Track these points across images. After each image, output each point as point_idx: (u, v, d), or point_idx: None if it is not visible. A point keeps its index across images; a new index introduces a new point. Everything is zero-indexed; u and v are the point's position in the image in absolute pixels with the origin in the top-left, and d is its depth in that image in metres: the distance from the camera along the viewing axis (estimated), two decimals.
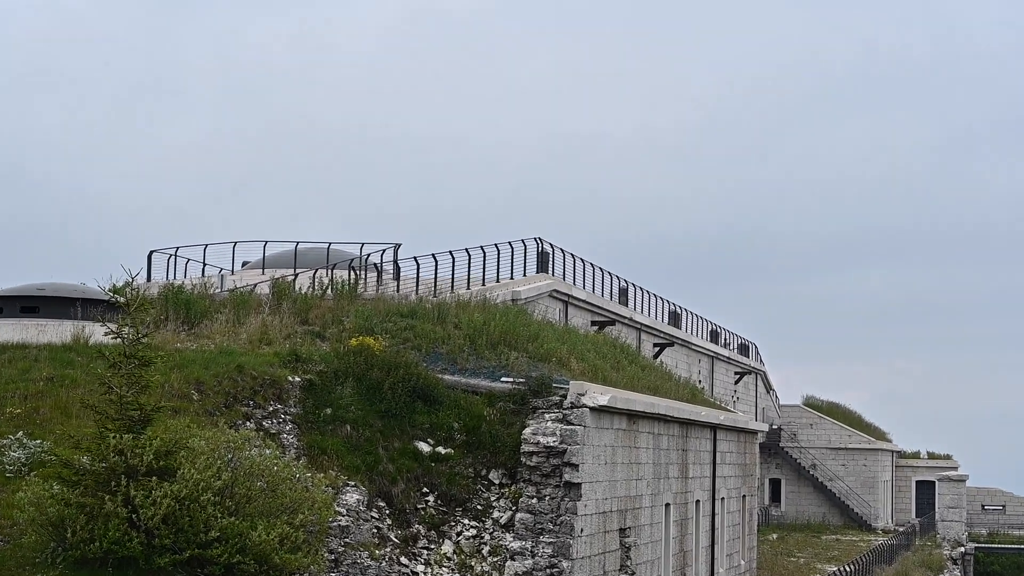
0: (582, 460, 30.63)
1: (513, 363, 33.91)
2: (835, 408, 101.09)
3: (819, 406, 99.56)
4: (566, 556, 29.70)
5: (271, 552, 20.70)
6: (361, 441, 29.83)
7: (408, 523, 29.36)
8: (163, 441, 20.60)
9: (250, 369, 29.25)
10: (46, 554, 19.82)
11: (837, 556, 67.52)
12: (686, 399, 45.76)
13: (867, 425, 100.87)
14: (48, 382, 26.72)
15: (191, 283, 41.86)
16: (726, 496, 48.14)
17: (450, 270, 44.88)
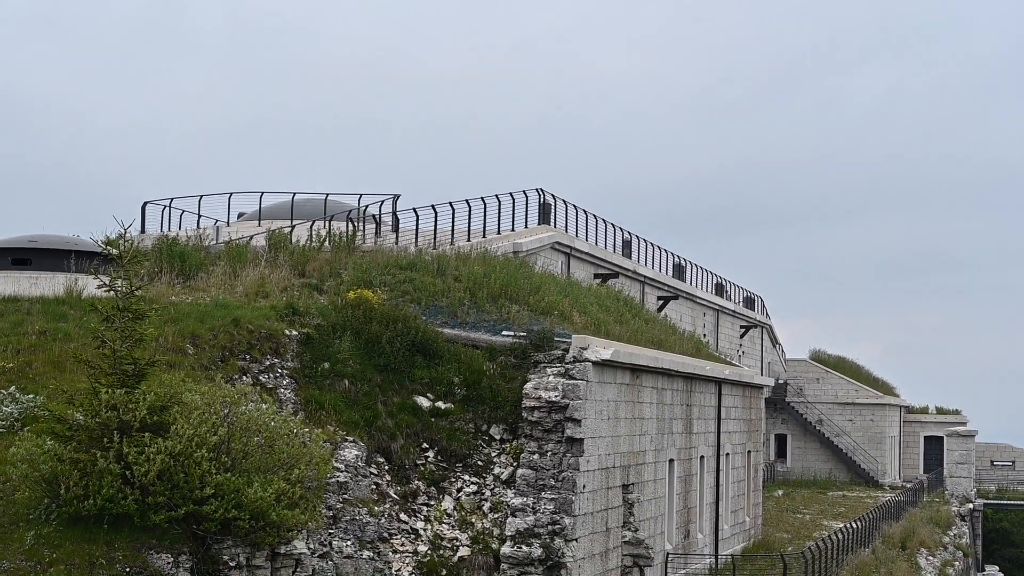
0: (584, 415, 30.66)
1: (514, 316, 33.88)
2: (842, 362, 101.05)
3: (826, 360, 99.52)
4: (568, 512, 29.78)
5: (268, 508, 20.75)
6: (360, 396, 29.85)
7: (408, 479, 29.42)
8: (157, 396, 20.61)
9: (246, 323, 29.23)
10: (39, 511, 19.86)
11: (843, 513, 67.65)
12: (690, 353, 45.78)
13: (875, 380, 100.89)
14: (41, 336, 26.71)
15: (186, 235, 41.78)
16: (731, 452, 48.24)
17: (450, 222, 44.78)
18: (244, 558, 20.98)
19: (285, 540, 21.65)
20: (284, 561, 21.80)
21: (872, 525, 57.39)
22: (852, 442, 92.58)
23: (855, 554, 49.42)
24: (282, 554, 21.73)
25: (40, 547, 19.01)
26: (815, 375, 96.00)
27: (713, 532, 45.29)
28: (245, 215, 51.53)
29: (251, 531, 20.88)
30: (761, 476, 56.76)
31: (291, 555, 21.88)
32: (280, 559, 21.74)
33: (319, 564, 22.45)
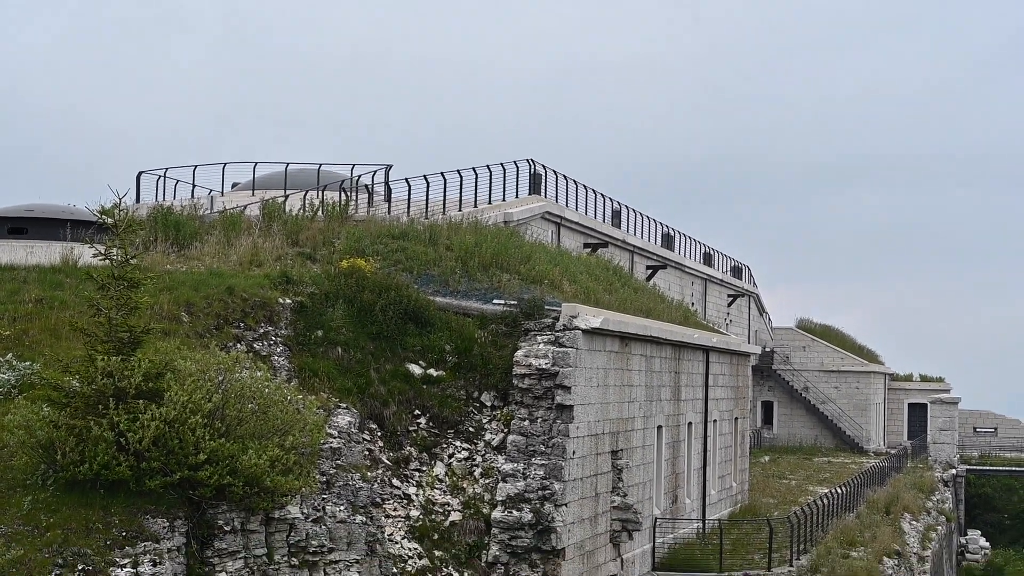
0: (574, 382, 30.69)
1: (505, 285, 33.88)
2: (828, 331, 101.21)
3: (812, 329, 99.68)
4: (558, 478, 29.83)
5: (262, 474, 20.77)
6: (352, 363, 29.85)
7: (400, 445, 29.45)
8: (152, 363, 20.59)
9: (240, 291, 29.19)
10: (36, 476, 19.85)
11: (829, 478, 67.87)
12: (679, 322, 45.83)
13: (860, 348, 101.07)
14: (37, 304, 26.65)
15: (180, 204, 41.72)
16: (718, 418, 48.34)
17: (442, 192, 44.74)
18: (239, 523, 21.00)
19: (279, 505, 21.67)
20: (278, 525, 21.82)
21: (857, 490, 57.60)
22: (837, 409, 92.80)
23: (840, 519, 49.62)
24: (276, 519, 21.75)
25: (37, 512, 19.02)
26: (801, 343, 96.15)
27: (700, 497, 45.42)
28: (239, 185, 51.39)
29: (245, 496, 20.89)
30: (748, 442, 56.90)
31: (285, 519, 21.90)
32: (274, 523, 21.76)
33: (313, 528, 22.47)
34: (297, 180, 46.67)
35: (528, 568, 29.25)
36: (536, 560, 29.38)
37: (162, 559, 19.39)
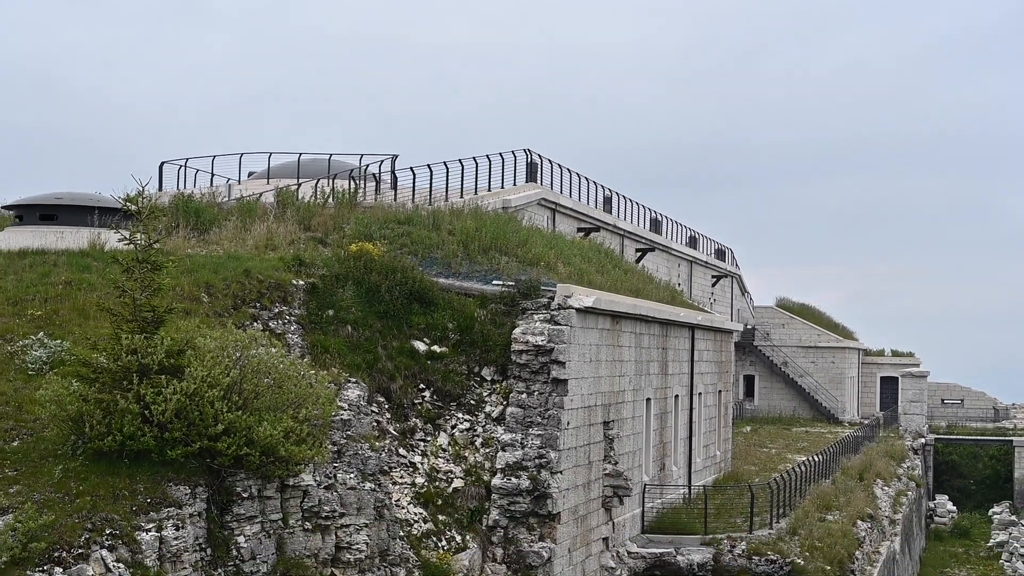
0: (568, 358, 30.73)
1: (504, 267, 33.88)
2: (806, 309, 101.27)
3: (791, 307, 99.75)
4: (554, 447, 29.89)
5: (277, 444, 20.79)
6: (361, 340, 29.88)
7: (406, 417, 29.48)
8: (174, 341, 20.61)
9: (256, 273, 29.19)
10: (67, 447, 19.88)
11: (806, 447, 67.99)
12: (666, 301, 45.85)
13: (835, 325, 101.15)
14: (66, 286, 26.66)
15: (200, 192, 41.68)
16: (703, 391, 48.40)
17: (444, 180, 44.73)
18: (256, 490, 21.05)
19: (293, 473, 21.70)
20: (292, 492, 21.87)
21: (832, 458, 57.71)
22: (814, 382, 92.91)
23: (817, 484, 49.70)
24: (291, 486, 21.80)
25: (68, 480, 19.05)
26: (781, 321, 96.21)
27: (687, 465, 45.50)
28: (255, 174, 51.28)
29: (262, 465, 20.92)
30: (731, 414, 56.97)
31: (299, 487, 21.94)
32: (289, 490, 21.81)
33: (325, 495, 22.52)
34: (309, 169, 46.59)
35: (526, 531, 29.31)
36: (533, 524, 29.46)
37: (184, 524, 19.44)
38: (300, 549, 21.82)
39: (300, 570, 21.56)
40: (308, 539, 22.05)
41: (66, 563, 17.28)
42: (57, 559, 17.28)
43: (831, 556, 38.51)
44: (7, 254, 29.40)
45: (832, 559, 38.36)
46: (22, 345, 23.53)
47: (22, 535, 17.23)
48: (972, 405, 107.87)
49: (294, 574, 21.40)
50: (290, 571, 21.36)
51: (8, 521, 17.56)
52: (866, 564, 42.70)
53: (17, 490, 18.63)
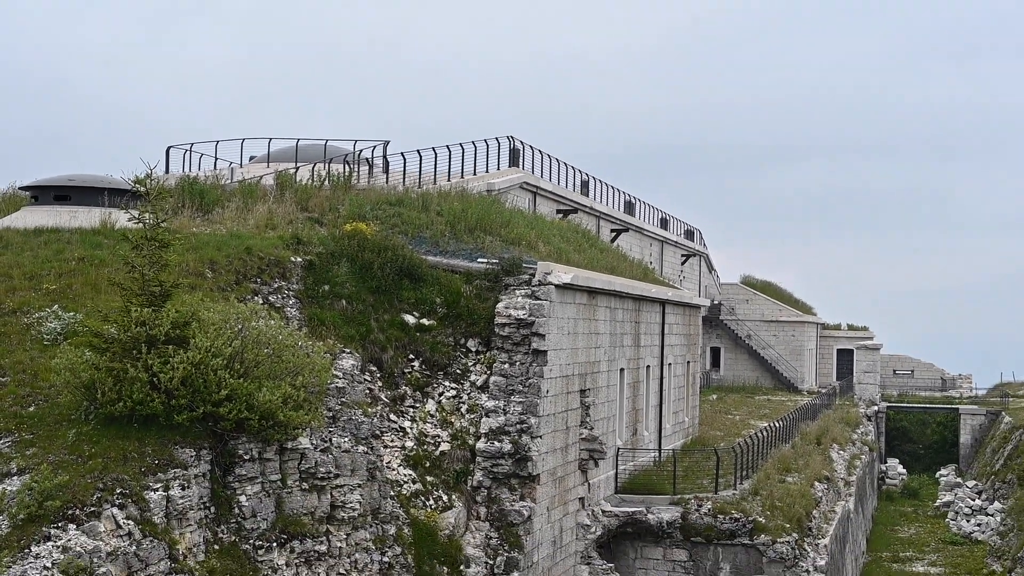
0: (548, 331, 30.75)
1: (488, 246, 33.86)
2: (769, 286, 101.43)
3: (755, 284, 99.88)
4: (534, 413, 29.92)
5: (276, 410, 20.79)
6: (355, 314, 29.85)
7: (396, 385, 29.49)
8: (180, 313, 20.56)
9: (257, 251, 29.12)
10: (79, 412, 19.84)
11: (768, 413, 68.18)
12: (639, 278, 45.87)
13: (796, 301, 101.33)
14: (79, 262, 26.57)
15: (204, 175, 41.48)
16: (673, 362, 48.47)
17: (433, 164, 44.64)
18: (256, 452, 21.04)
19: (291, 437, 21.69)
20: (290, 455, 21.87)
21: (792, 424, 57.88)
22: (776, 354, 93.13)
23: (777, 448, 49.88)
24: (289, 448, 21.79)
25: (81, 443, 19.01)
26: (745, 297, 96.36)
27: (657, 430, 45.60)
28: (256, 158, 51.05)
29: (262, 429, 20.92)
30: (698, 383, 57.09)
31: (296, 449, 21.94)
32: (287, 453, 21.80)
33: (320, 457, 22.52)
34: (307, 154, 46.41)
35: (508, 491, 29.37)
36: (515, 484, 29.51)
37: (190, 484, 19.43)
38: (298, 507, 21.83)
39: (298, 527, 21.58)
40: (305, 498, 22.05)
41: (79, 520, 17.27)
42: (71, 516, 17.27)
43: (790, 515, 38.66)
44: (24, 232, 29.29)
45: (791, 517, 38.50)
46: (38, 317, 23.46)
47: (38, 494, 17.22)
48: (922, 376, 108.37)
49: (292, 531, 21.41)
50: (288, 528, 21.37)
51: (25, 481, 17.55)
52: (822, 522, 42.87)
53: (33, 452, 18.61)
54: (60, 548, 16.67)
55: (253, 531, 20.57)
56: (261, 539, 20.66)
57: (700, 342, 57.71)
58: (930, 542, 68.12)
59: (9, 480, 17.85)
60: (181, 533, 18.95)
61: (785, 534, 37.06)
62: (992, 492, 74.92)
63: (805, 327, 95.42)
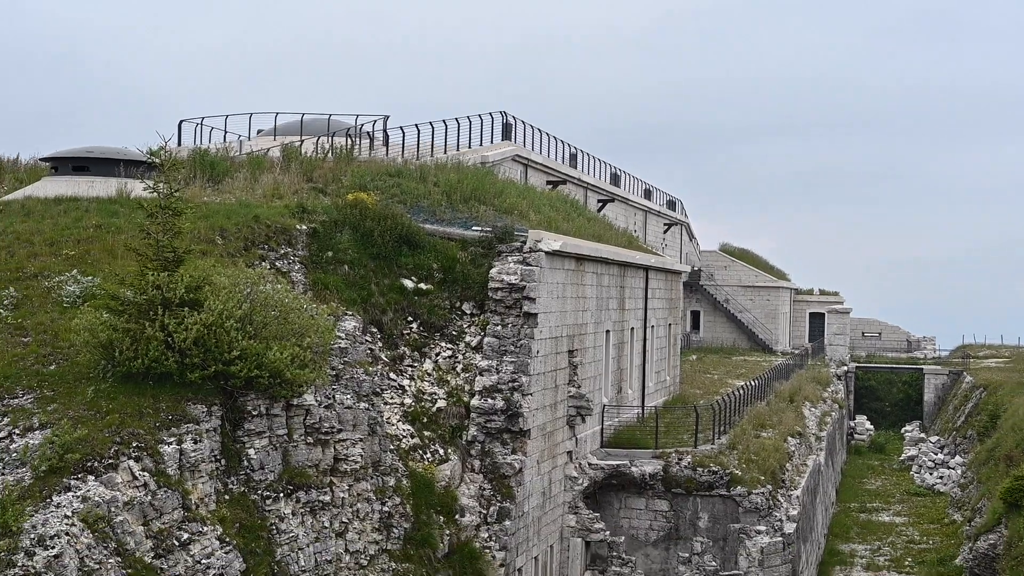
0: (538, 295, 30.77)
1: (482, 215, 33.84)
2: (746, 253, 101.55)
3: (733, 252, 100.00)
4: (525, 372, 29.98)
5: (283, 368, 20.79)
6: (357, 278, 29.84)
7: (396, 345, 29.51)
8: (192, 278, 20.54)
9: (265, 219, 29.09)
10: (98, 370, 19.85)
11: (744, 373, 68.37)
12: (624, 246, 45.89)
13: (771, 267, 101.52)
14: (97, 229, 26.52)
15: (215, 147, 41.38)
16: (655, 324, 48.55)
17: (430, 138, 44.58)
18: (264, 408, 21.06)
19: (297, 394, 21.71)
20: (296, 411, 21.89)
21: (767, 383, 58.06)
22: (752, 317, 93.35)
23: (753, 406, 50.03)
24: (295, 405, 21.81)
25: (99, 399, 19.03)
26: (723, 263, 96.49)
27: (640, 389, 45.73)
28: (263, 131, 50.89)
29: (270, 387, 20.93)
30: (679, 344, 57.20)
31: (302, 406, 21.96)
32: (293, 409, 21.82)
33: (324, 413, 22.55)
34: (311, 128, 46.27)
35: (500, 445, 29.45)
36: (507, 439, 29.59)
37: (201, 438, 19.46)
38: (303, 460, 21.87)
39: (303, 479, 21.63)
40: (310, 451, 22.10)
41: (98, 472, 17.30)
42: (90, 468, 17.30)
43: (765, 468, 38.84)
44: (44, 201, 29.21)
45: (765, 470, 38.69)
46: (58, 281, 23.44)
47: (59, 447, 17.25)
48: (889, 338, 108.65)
49: (298, 482, 21.46)
50: (294, 479, 21.42)
51: (47, 435, 17.57)
52: (795, 475, 43.08)
53: (54, 408, 18.62)
54: (80, 498, 16.72)
55: (261, 482, 20.62)
56: (269, 490, 20.71)
57: (681, 306, 57.79)
58: (895, 493, 68.52)
59: (32, 434, 17.88)
60: (193, 484, 19.00)
61: (760, 486, 37.25)
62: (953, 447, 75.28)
63: (780, 292, 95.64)
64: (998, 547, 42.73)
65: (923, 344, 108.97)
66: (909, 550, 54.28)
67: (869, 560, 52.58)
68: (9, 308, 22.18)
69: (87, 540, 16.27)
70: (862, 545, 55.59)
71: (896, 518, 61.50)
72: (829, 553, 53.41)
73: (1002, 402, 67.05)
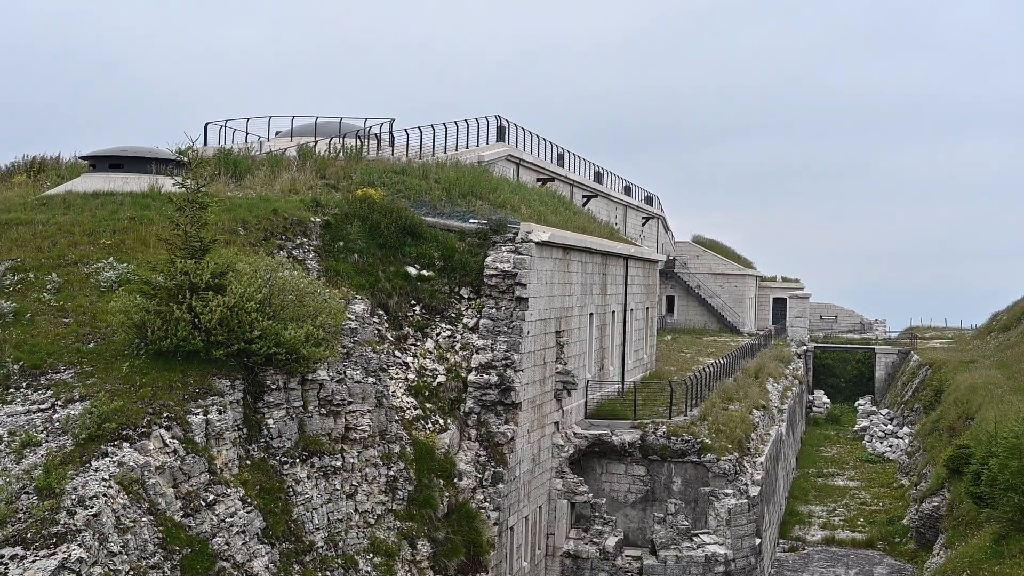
0: (529, 281, 30.80)
1: (478, 209, 33.82)
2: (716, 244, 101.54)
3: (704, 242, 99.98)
4: (517, 351, 30.02)
5: (299, 346, 20.83)
6: (365, 266, 29.84)
7: (400, 326, 29.53)
8: (217, 265, 20.56)
9: (282, 212, 29.07)
10: (132, 348, 19.88)
11: (714, 351, 68.48)
12: (606, 237, 45.90)
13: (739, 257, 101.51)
14: (131, 221, 26.49)
15: (237, 147, 41.28)
16: (634, 308, 48.60)
17: (431, 139, 44.50)
18: (282, 382, 21.10)
19: (312, 370, 21.76)
20: (311, 385, 21.94)
21: (734, 361, 58.16)
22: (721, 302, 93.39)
23: (722, 381, 50.15)
24: (310, 379, 21.86)
25: (133, 374, 19.07)
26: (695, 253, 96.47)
27: (620, 366, 45.80)
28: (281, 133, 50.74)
29: (287, 363, 20.97)
30: (655, 326, 57.26)
31: (316, 380, 22.01)
32: (308, 383, 21.87)
33: (336, 387, 22.60)
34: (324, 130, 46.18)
35: (494, 416, 29.50)
36: (500, 411, 29.63)
37: (225, 409, 19.50)
38: (317, 429, 21.93)
39: (317, 446, 21.69)
40: (323, 421, 22.15)
41: (132, 439, 17.35)
42: (125, 436, 17.34)
43: (732, 437, 38.93)
44: (83, 195, 29.16)
45: (733, 439, 38.78)
46: (96, 267, 23.43)
47: (97, 417, 17.29)
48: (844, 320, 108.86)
49: (312, 449, 21.52)
50: (309, 446, 21.48)
51: (86, 406, 17.61)
52: (759, 443, 43.20)
53: (93, 382, 18.66)
54: (116, 463, 16.76)
55: (279, 449, 20.67)
56: (286, 456, 20.77)
57: (657, 291, 57.84)
58: (849, 460, 68.72)
59: (72, 405, 17.91)
60: (218, 450, 19.05)
61: (728, 453, 37.35)
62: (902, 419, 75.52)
63: (746, 279, 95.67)
64: (941, 508, 42.94)
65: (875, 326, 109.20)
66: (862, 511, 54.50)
67: (825, 520, 52.78)
68: (52, 292, 22.18)
69: (123, 501, 16.32)
70: (819, 507, 55.79)
71: (850, 482, 61.70)
72: (790, 514, 53.62)
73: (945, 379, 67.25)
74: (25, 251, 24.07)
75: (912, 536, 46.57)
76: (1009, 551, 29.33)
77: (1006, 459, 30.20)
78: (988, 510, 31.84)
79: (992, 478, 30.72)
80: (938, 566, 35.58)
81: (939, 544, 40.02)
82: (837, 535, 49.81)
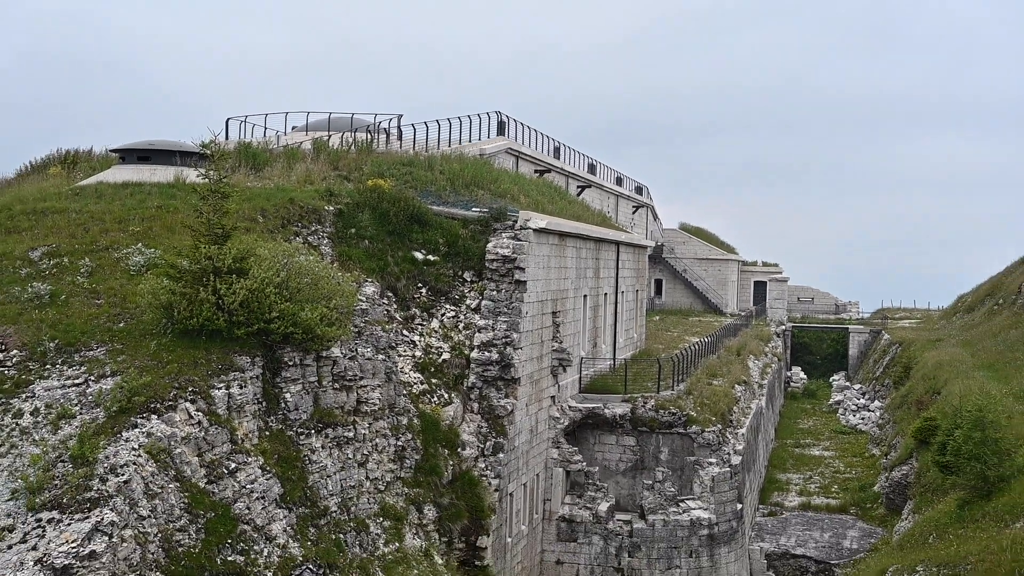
0: (527, 265, 30.81)
1: (480, 198, 33.82)
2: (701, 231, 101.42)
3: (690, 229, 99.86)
4: (516, 330, 30.06)
5: (315, 326, 20.85)
6: (375, 251, 29.85)
7: (408, 307, 29.56)
8: (238, 250, 20.56)
9: (298, 201, 29.06)
10: (160, 327, 19.90)
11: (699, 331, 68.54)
12: (599, 224, 45.91)
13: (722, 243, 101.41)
14: (158, 209, 26.49)
15: (256, 141, 41.22)
16: (625, 290, 48.64)
17: (436, 133, 44.54)
18: (298, 359, 21.13)
19: (326, 347, 21.79)
20: (325, 361, 21.97)
21: (718, 340, 58.24)
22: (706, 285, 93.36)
23: (706, 358, 50.24)
24: (324, 356, 21.89)
25: (160, 351, 19.10)
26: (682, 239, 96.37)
27: (612, 344, 45.85)
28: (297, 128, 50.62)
29: (303, 341, 21.00)
30: (644, 307, 57.30)
31: (330, 357, 22.04)
32: (323, 360, 21.90)
33: (349, 364, 22.64)
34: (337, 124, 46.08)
35: (495, 391, 29.56)
36: (500, 385, 29.69)
37: (246, 384, 19.54)
38: (331, 402, 21.98)
39: (331, 418, 21.74)
40: (336, 395, 22.21)
41: (160, 412, 17.40)
42: (153, 409, 17.39)
43: (716, 410, 39.03)
44: (114, 185, 29.15)
45: (716, 412, 38.88)
46: (125, 252, 23.43)
47: (127, 391, 17.34)
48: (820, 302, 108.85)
49: (326, 420, 21.57)
50: (323, 419, 21.53)
51: (117, 381, 17.66)
52: (741, 416, 43.31)
53: (123, 359, 18.70)
54: (145, 433, 16.82)
55: (296, 421, 20.73)
56: (302, 427, 20.82)
57: (646, 275, 57.86)
58: (824, 432, 68.86)
59: (104, 380, 17.95)
60: (240, 422, 19.10)
61: (712, 425, 37.45)
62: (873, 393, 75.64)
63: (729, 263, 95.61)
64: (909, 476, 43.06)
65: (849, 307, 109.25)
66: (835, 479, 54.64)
67: (802, 487, 52.92)
68: (85, 275, 22.20)
69: (151, 468, 16.39)
70: (796, 474, 55.93)
71: (825, 452, 61.84)
72: (769, 481, 53.76)
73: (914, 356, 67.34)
74: (60, 237, 24.08)
75: (882, 502, 46.73)
76: (971, 515, 29.46)
77: (969, 431, 30.31)
78: (953, 478, 31.95)
79: (956, 448, 30.84)
80: (906, 529, 35.74)
81: (907, 509, 40.17)
82: (813, 501, 49.96)
